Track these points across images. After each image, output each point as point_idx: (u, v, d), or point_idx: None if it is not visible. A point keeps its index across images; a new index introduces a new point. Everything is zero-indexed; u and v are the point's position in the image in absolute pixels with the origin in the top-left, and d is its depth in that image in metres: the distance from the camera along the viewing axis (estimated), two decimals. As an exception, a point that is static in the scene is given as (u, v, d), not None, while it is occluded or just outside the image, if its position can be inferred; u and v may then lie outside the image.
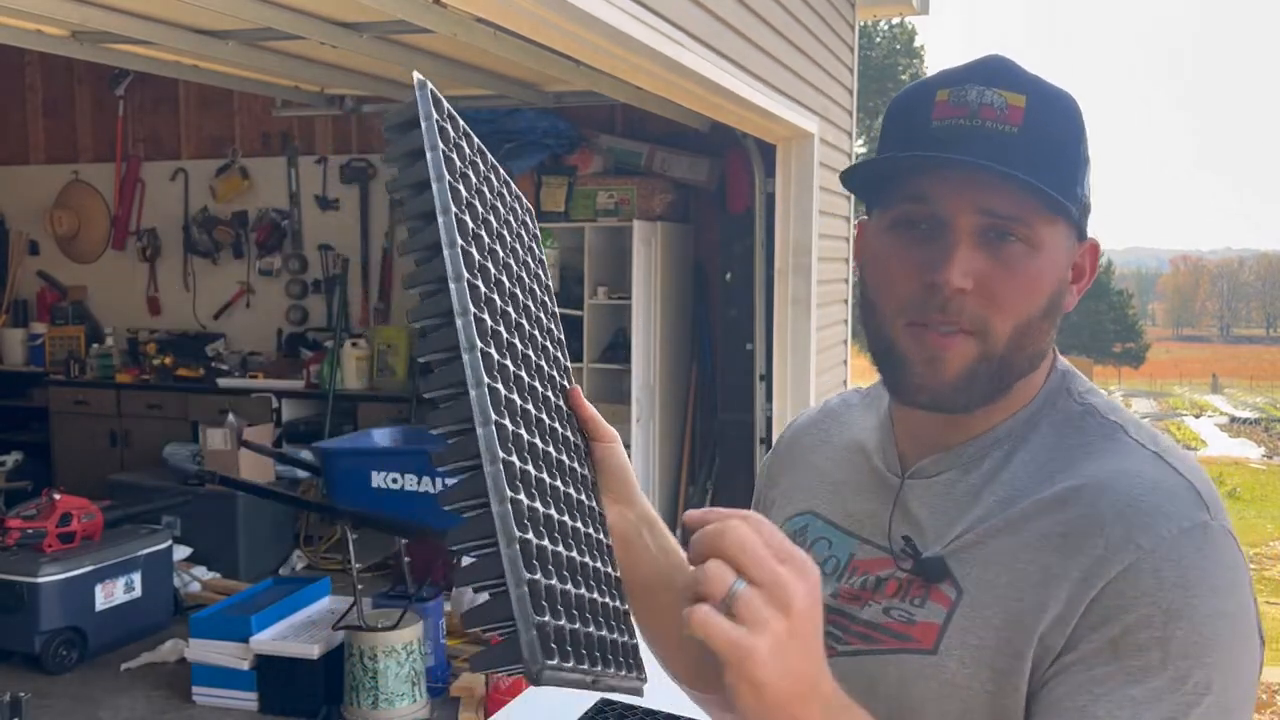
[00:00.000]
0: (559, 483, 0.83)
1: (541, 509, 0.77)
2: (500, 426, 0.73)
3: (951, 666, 0.90)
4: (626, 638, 0.87)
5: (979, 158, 0.88)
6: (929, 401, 0.94)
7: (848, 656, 0.96)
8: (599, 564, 0.87)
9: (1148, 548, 0.84)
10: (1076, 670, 0.84)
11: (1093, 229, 0.98)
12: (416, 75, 0.82)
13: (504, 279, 0.84)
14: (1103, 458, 0.92)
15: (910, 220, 0.93)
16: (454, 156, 0.80)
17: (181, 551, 5.58)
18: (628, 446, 2.83)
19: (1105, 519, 0.86)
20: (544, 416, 0.85)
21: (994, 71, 0.92)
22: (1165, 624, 0.82)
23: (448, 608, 4.65)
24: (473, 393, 0.72)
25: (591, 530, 0.88)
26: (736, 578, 0.71)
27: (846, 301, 6.39)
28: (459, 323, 0.73)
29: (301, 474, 6.05)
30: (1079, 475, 0.91)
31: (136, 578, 4.92)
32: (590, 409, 1.00)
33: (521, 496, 0.73)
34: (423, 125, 0.78)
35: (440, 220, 0.75)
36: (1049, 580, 0.87)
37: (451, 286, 0.74)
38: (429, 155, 0.77)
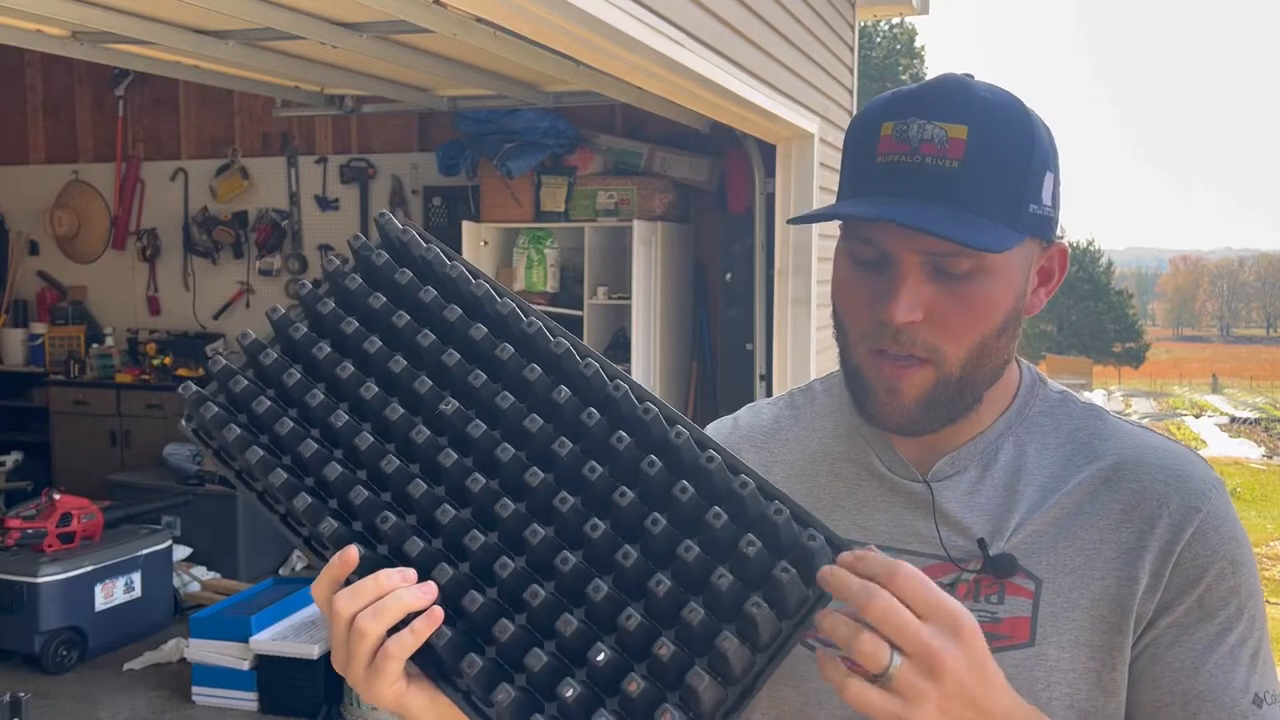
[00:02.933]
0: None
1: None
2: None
3: (1052, 654, 0.94)
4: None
5: (918, 196, 0.90)
6: (894, 427, 0.98)
7: None
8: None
9: (1204, 510, 0.96)
10: (1176, 633, 0.94)
11: (1094, 229, 0.99)
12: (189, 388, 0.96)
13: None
14: (1111, 437, 1.01)
15: (862, 255, 0.96)
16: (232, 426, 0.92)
17: (181, 551, 5.58)
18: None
19: (1158, 491, 0.96)
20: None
21: (940, 99, 0.92)
22: (1234, 574, 0.95)
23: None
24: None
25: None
26: (892, 652, 0.76)
27: (846, 301, 6.38)
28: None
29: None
30: (1103, 455, 1.00)
31: (136, 578, 4.92)
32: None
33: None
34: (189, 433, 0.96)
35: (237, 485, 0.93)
36: (1128, 554, 0.95)
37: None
38: (212, 453, 0.95)
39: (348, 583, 0.83)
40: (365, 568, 0.82)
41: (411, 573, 0.81)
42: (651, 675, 0.79)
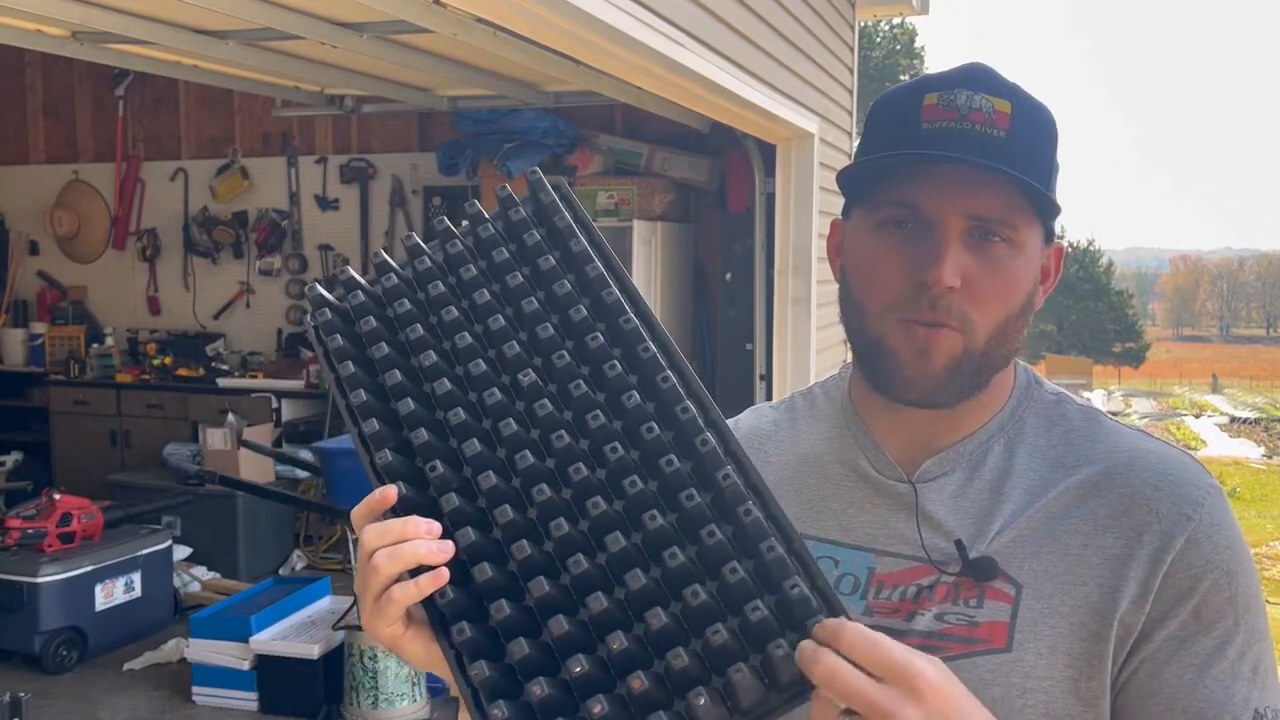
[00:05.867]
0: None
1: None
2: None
3: (1029, 660, 0.92)
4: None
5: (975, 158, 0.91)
6: (917, 398, 0.96)
7: None
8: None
9: (1196, 518, 0.92)
10: (1173, 647, 0.91)
11: (1094, 229, 0.99)
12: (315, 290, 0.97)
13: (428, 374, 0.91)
14: (1105, 440, 0.99)
15: (896, 221, 0.95)
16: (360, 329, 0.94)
17: (181, 551, 5.58)
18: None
19: (1148, 496, 0.94)
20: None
21: (979, 77, 0.94)
22: (1230, 584, 0.92)
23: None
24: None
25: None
26: (841, 711, 0.74)
27: (846, 301, 6.38)
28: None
29: (301, 474, 6.05)
30: (1094, 459, 0.97)
31: (136, 578, 4.92)
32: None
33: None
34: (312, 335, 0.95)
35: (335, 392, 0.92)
36: (1113, 562, 0.92)
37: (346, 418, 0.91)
38: (320, 355, 0.94)
39: (390, 515, 0.85)
40: (403, 507, 0.83)
41: (436, 527, 0.82)
42: (625, 701, 0.77)
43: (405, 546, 0.81)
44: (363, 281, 0.96)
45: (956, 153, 0.90)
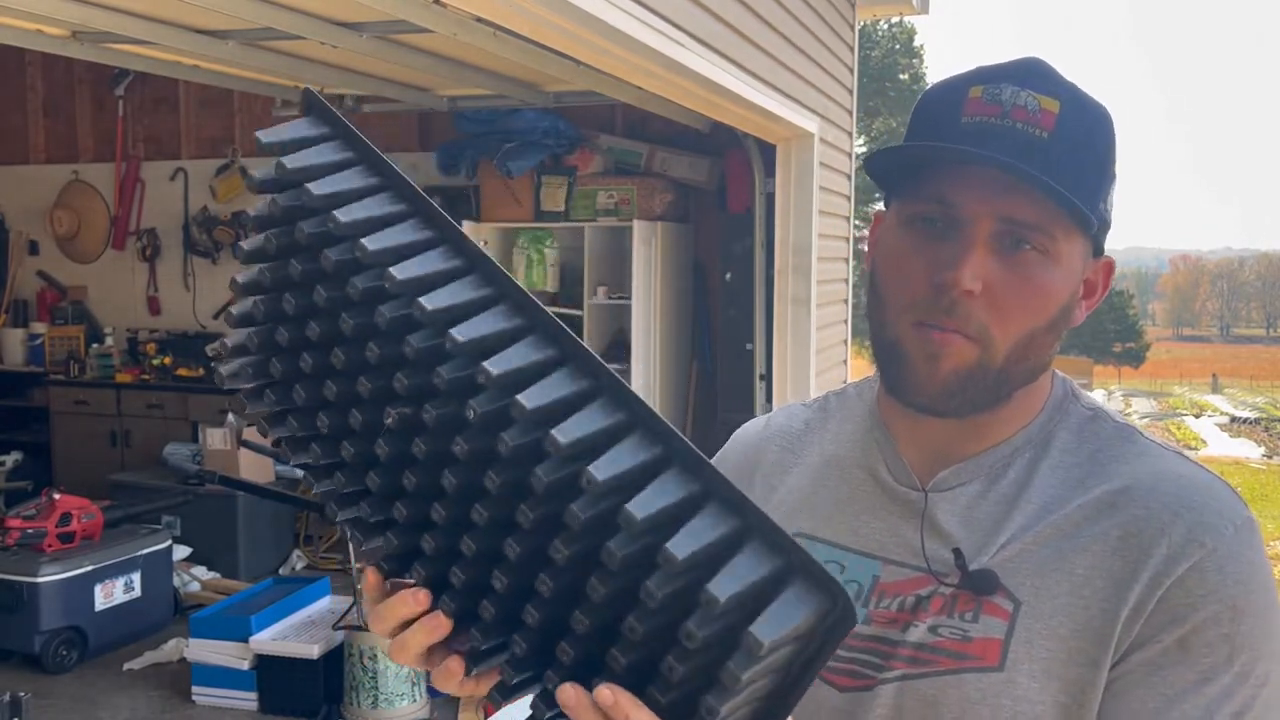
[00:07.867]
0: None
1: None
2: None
3: (1022, 681, 0.87)
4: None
5: (1008, 157, 0.86)
6: (925, 404, 0.92)
7: (895, 683, 0.92)
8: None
9: (1211, 546, 0.85)
10: (1146, 671, 0.85)
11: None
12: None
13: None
14: (1133, 460, 0.92)
15: (926, 218, 0.91)
16: None
17: (181, 551, 5.58)
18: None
19: (1163, 519, 0.87)
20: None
21: (1031, 73, 0.90)
22: (1232, 620, 0.84)
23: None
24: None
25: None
26: None
27: (846, 301, 6.39)
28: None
29: (301, 474, 6.04)
30: (1116, 478, 0.91)
31: (136, 578, 4.92)
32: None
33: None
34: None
35: None
36: (1117, 585, 0.87)
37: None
38: None
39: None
40: (390, 565, 0.76)
41: (423, 595, 0.73)
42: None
43: (406, 637, 0.74)
44: (243, 340, 0.80)
45: (993, 151, 0.85)
